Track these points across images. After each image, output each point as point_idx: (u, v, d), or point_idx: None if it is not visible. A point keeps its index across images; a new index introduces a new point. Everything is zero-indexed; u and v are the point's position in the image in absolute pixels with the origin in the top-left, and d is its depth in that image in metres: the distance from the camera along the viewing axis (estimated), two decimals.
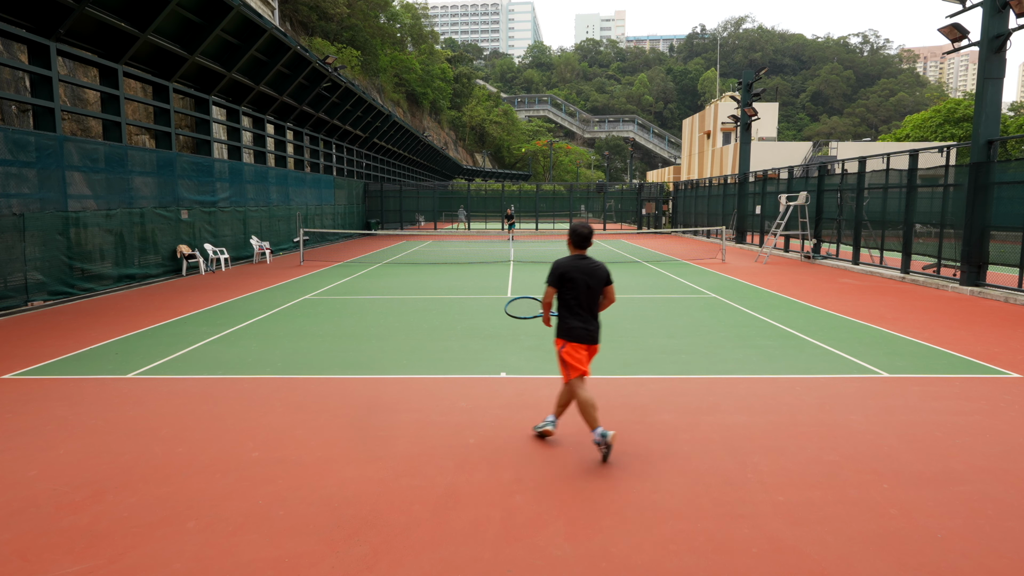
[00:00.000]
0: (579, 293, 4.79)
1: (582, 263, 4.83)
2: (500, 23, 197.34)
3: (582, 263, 4.83)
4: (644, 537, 3.64)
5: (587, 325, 4.82)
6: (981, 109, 13.44)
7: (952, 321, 10.18)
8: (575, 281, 4.78)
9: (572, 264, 4.82)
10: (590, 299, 4.82)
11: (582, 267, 4.82)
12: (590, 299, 4.82)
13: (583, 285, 4.79)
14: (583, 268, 4.81)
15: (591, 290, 4.81)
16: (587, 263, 4.85)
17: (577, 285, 4.79)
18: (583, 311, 4.81)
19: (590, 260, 4.87)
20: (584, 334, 4.82)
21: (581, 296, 4.80)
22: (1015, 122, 47.19)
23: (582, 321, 4.81)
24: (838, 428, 5.34)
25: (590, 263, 4.85)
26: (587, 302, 4.82)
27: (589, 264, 4.84)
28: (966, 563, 3.38)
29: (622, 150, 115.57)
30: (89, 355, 7.87)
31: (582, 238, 4.87)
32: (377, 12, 61.41)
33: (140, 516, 3.87)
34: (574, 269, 4.81)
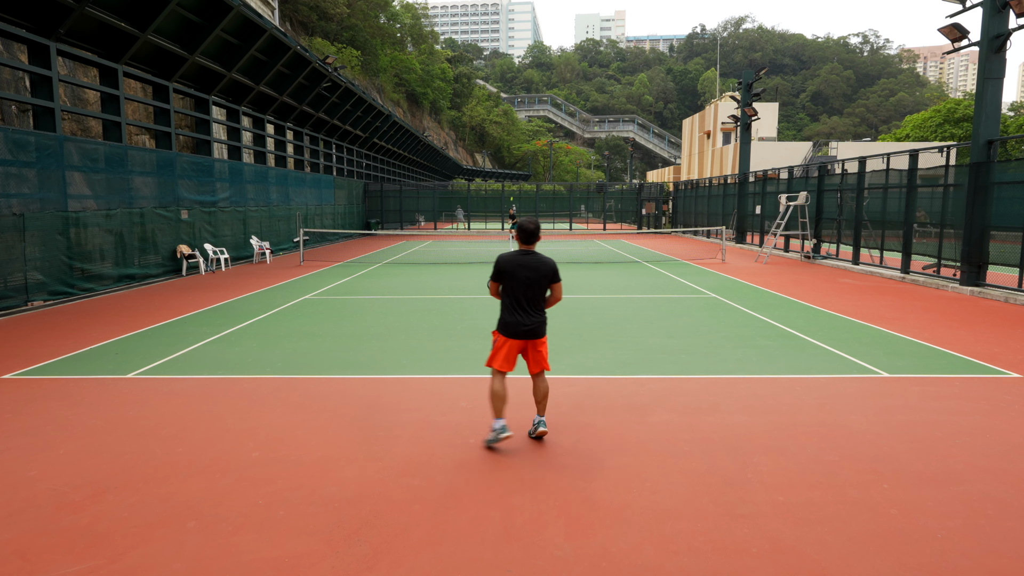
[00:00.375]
0: (519, 288, 4.85)
1: (525, 258, 4.88)
2: (500, 23, 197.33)
3: (525, 258, 4.88)
4: (644, 537, 3.64)
5: (525, 320, 4.85)
6: (981, 109, 13.44)
7: (952, 321, 10.18)
8: (515, 276, 4.84)
9: (515, 259, 4.88)
10: (531, 295, 4.85)
11: (525, 263, 4.87)
12: (531, 295, 4.85)
13: (524, 280, 4.83)
14: (526, 264, 4.86)
15: (533, 285, 4.84)
16: (531, 259, 4.88)
17: (517, 280, 4.84)
18: (523, 306, 4.86)
19: (535, 256, 4.91)
20: (520, 329, 4.86)
21: (520, 291, 4.85)
22: (1015, 122, 47.19)
23: (520, 316, 4.85)
24: (838, 428, 5.34)
25: (534, 259, 4.88)
26: (527, 297, 4.85)
27: (533, 260, 4.88)
28: (966, 563, 3.38)
29: (622, 150, 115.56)
30: (89, 355, 7.87)
31: (528, 233, 4.91)
32: (377, 12, 61.40)
33: (140, 516, 3.87)
34: (516, 264, 4.86)
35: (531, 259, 4.88)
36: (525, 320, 4.85)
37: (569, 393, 6.31)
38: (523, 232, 4.93)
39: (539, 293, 4.89)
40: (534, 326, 4.88)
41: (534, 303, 4.88)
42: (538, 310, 4.91)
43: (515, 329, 4.87)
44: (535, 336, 4.92)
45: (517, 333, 4.88)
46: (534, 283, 4.85)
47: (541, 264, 4.88)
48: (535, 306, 4.88)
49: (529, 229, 4.91)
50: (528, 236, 4.93)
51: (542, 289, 4.90)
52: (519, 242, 4.98)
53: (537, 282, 4.86)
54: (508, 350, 4.92)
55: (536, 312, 4.89)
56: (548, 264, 4.90)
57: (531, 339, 4.92)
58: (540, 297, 4.90)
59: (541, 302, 4.92)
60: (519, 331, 4.87)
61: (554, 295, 5.01)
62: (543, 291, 4.91)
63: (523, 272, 4.84)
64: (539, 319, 4.90)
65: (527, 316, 4.86)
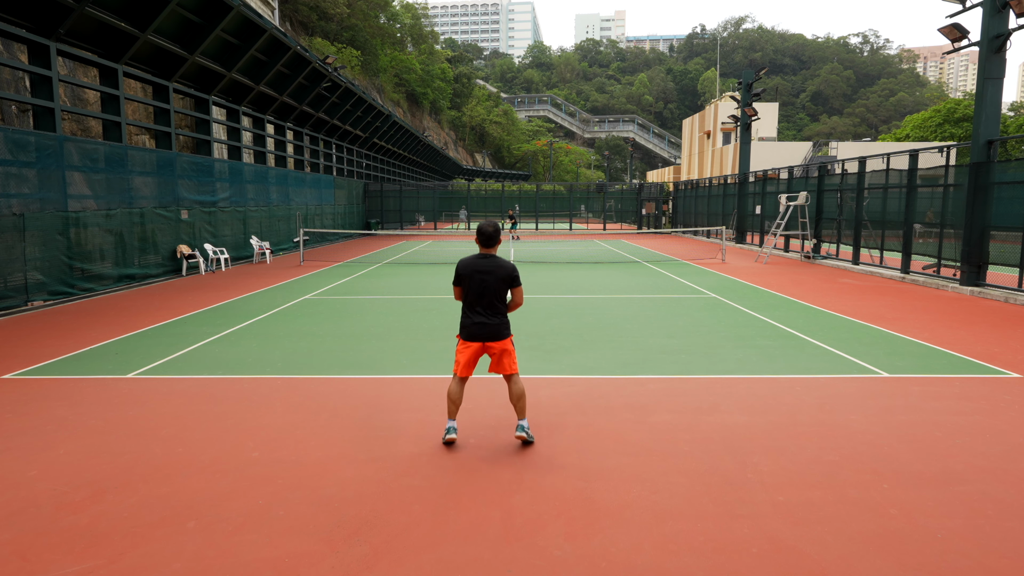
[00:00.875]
0: (476, 291, 4.87)
1: (483, 262, 4.89)
2: (500, 23, 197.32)
3: (483, 262, 4.89)
4: (644, 537, 3.64)
5: (483, 322, 4.85)
6: (981, 109, 13.44)
7: (952, 321, 10.18)
8: (472, 279, 4.87)
9: (472, 263, 4.91)
10: (489, 298, 4.85)
11: (482, 267, 4.87)
12: (489, 298, 4.85)
13: (479, 284, 4.85)
14: (483, 267, 4.87)
15: (490, 289, 4.84)
16: (489, 262, 4.89)
17: (474, 284, 4.87)
18: (479, 309, 4.86)
19: (494, 259, 4.91)
20: (476, 331, 4.87)
21: (476, 295, 4.87)
22: (1015, 122, 47.20)
23: (477, 318, 4.86)
24: (838, 428, 5.34)
25: (492, 262, 4.89)
26: (485, 301, 4.85)
27: (491, 263, 4.88)
28: (966, 563, 3.38)
29: (622, 150, 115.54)
30: (89, 355, 7.87)
31: (487, 237, 4.91)
32: (377, 12, 61.39)
33: (140, 516, 3.87)
34: (473, 268, 4.88)
35: (489, 263, 4.89)
36: (481, 323, 4.85)
37: (569, 393, 6.31)
38: (481, 235, 4.92)
39: (496, 297, 4.87)
40: (492, 328, 4.86)
41: (491, 307, 4.86)
42: (496, 313, 4.88)
43: (472, 332, 4.88)
44: (493, 339, 4.89)
45: (474, 336, 4.89)
46: (491, 286, 4.84)
47: (498, 268, 4.87)
48: (492, 309, 4.86)
49: (487, 232, 4.89)
50: (487, 239, 4.92)
51: (500, 293, 4.88)
52: (479, 245, 4.98)
53: (494, 285, 4.85)
54: (468, 355, 4.93)
55: (493, 315, 4.86)
56: (506, 267, 4.89)
57: (489, 341, 4.89)
58: (498, 301, 4.88)
59: (500, 305, 4.90)
60: (476, 334, 4.88)
61: (514, 299, 4.99)
62: (501, 295, 4.89)
63: (480, 276, 4.86)
64: (497, 321, 4.87)
65: (483, 319, 4.85)
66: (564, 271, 17.27)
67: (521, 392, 4.98)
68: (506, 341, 4.94)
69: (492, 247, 4.95)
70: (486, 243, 4.93)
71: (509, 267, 4.90)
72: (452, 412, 5.00)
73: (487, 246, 4.94)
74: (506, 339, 4.94)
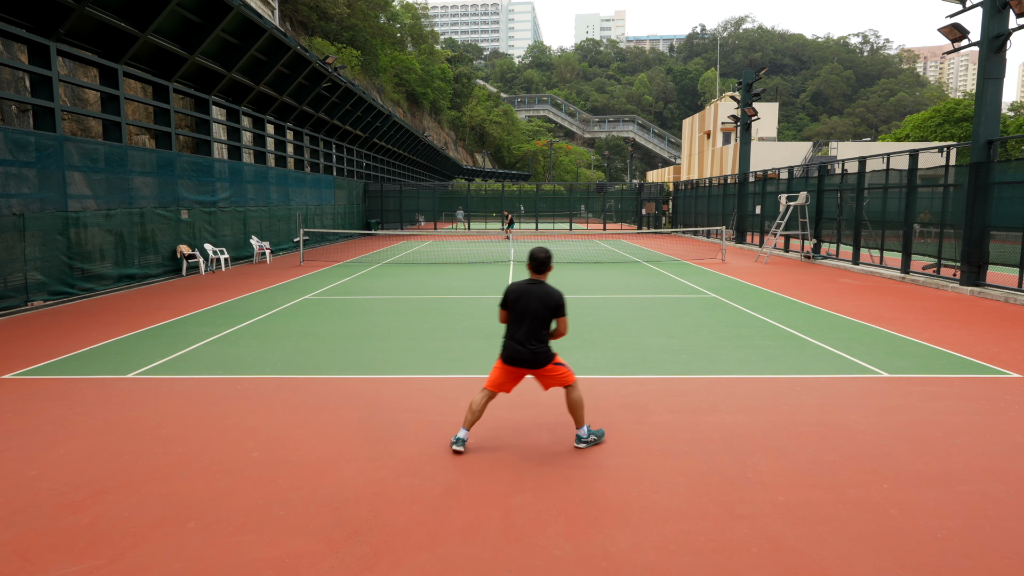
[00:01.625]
0: (518, 317, 4.79)
1: (532, 288, 4.81)
2: (500, 23, 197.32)
3: (532, 288, 4.81)
4: (644, 537, 3.64)
5: (521, 349, 4.76)
6: (981, 109, 13.44)
7: (952, 321, 10.18)
8: (517, 304, 4.79)
9: (521, 288, 4.83)
10: (533, 324, 4.76)
11: (531, 292, 4.79)
12: (533, 324, 4.76)
13: (523, 309, 4.77)
14: (532, 294, 4.79)
15: (535, 316, 4.75)
16: (538, 289, 4.80)
17: (518, 309, 4.79)
18: (520, 336, 4.78)
19: (543, 287, 4.81)
20: (513, 356, 4.80)
21: (518, 319, 4.79)
22: (1015, 122, 47.20)
23: (516, 345, 4.78)
24: (838, 428, 5.34)
25: (541, 289, 4.79)
26: (526, 327, 4.77)
27: (540, 290, 4.79)
28: (966, 563, 3.38)
29: (622, 150, 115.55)
30: (89, 355, 7.87)
31: (538, 263, 4.84)
32: (377, 12, 61.40)
33: (140, 516, 3.87)
34: (521, 294, 4.80)
35: (538, 289, 4.80)
36: (521, 350, 4.77)
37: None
38: (532, 261, 4.85)
39: (540, 325, 4.77)
40: (530, 356, 4.77)
41: (532, 334, 4.76)
42: (535, 340, 4.77)
43: (511, 357, 4.81)
44: (533, 366, 4.81)
45: (512, 361, 4.81)
46: (535, 313, 4.75)
47: (547, 296, 4.78)
48: (533, 336, 4.76)
49: (539, 259, 4.82)
50: (538, 265, 4.85)
51: (544, 321, 4.78)
52: (529, 271, 4.91)
53: (538, 313, 4.75)
54: (502, 374, 4.88)
55: (533, 342, 4.76)
56: (554, 297, 4.78)
57: (529, 369, 4.82)
58: (541, 329, 4.78)
59: (541, 333, 4.78)
60: (515, 359, 4.80)
61: (559, 329, 4.89)
62: (545, 323, 4.79)
63: (526, 302, 4.77)
64: (536, 348, 4.77)
65: (523, 346, 4.76)
66: (564, 271, 17.26)
67: (574, 402, 4.89)
68: (545, 368, 4.84)
69: (542, 273, 4.87)
70: (537, 269, 4.86)
71: (556, 296, 4.80)
72: (468, 422, 4.90)
73: (537, 272, 4.87)
74: (545, 366, 4.83)
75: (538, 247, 4.93)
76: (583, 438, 4.93)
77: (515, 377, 4.90)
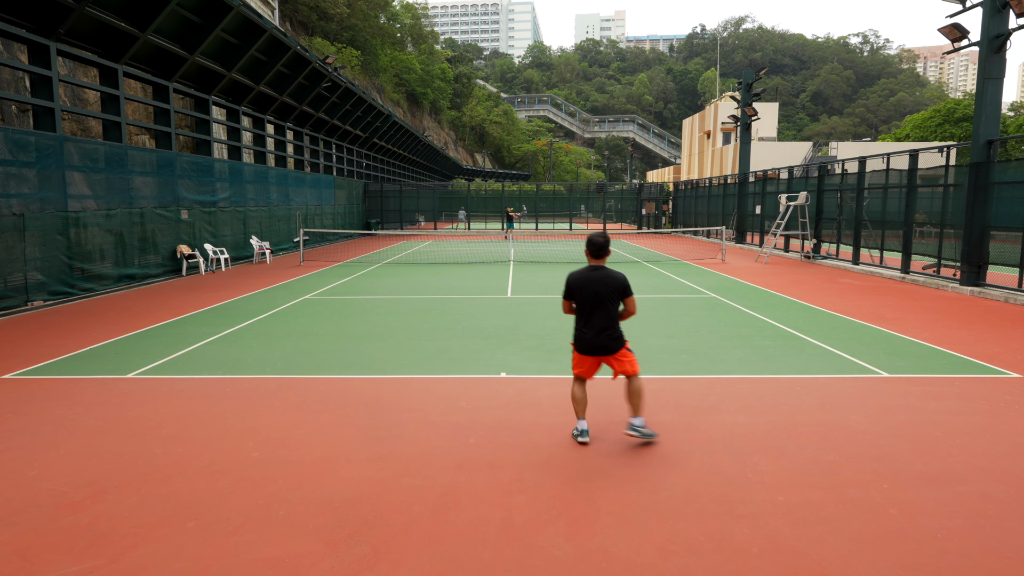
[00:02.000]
0: (588, 304, 4.83)
1: (593, 274, 4.84)
2: (500, 23, 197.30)
3: (593, 274, 4.84)
4: (644, 537, 3.64)
5: (595, 335, 4.82)
6: (981, 109, 13.44)
7: (952, 321, 10.18)
8: (584, 292, 4.83)
9: (584, 276, 4.86)
10: (600, 310, 4.80)
11: (593, 278, 4.83)
12: (600, 310, 4.80)
13: (592, 296, 4.80)
14: (594, 279, 4.82)
15: (601, 300, 4.78)
16: (599, 274, 4.83)
17: (586, 296, 4.82)
18: (591, 322, 4.82)
19: (604, 271, 4.84)
20: (590, 345, 4.85)
21: (589, 307, 4.83)
22: (1015, 122, 47.20)
23: (588, 331, 4.84)
24: (838, 428, 5.34)
25: (602, 274, 4.83)
26: (597, 313, 4.80)
27: (602, 274, 4.82)
28: (966, 563, 3.38)
29: (622, 150, 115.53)
30: (89, 355, 7.87)
31: (597, 248, 4.88)
32: (377, 12, 61.40)
33: (140, 516, 3.87)
34: (585, 280, 4.84)
35: (600, 274, 4.84)
36: (594, 336, 4.83)
37: (569, 393, 6.30)
38: (592, 246, 4.90)
39: (608, 308, 4.82)
40: (604, 342, 4.83)
41: (604, 319, 4.81)
42: (608, 325, 4.82)
43: (585, 344, 4.88)
44: (606, 352, 4.87)
45: (587, 348, 4.88)
46: (603, 298, 4.79)
47: (610, 279, 4.82)
48: (605, 321, 4.81)
49: (599, 243, 4.87)
50: (597, 250, 4.89)
51: (612, 304, 4.83)
52: (588, 257, 4.95)
53: (606, 296, 4.80)
54: (581, 361, 4.97)
55: (605, 328, 4.82)
56: (617, 279, 4.83)
57: (603, 355, 4.89)
58: (610, 313, 4.83)
59: (612, 317, 4.84)
60: (590, 347, 4.87)
61: (627, 308, 4.93)
62: (613, 306, 4.84)
63: (591, 287, 4.81)
64: (609, 335, 4.83)
65: (596, 332, 4.82)
66: (565, 271, 17.26)
67: (635, 390, 4.93)
68: (620, 352, 4.89)
69: (602, 258, 4.91)
70: (596, 254, 4.90)
71: (620, 278, 4.85)
72: (580, 412, 5.01)
73: (597, 257, 4.91)
74: (619, 351, 4.88)
75: (597, 232, 4.98)
76: (637, 427, 4.92)
77: (594, 364, 4.98)
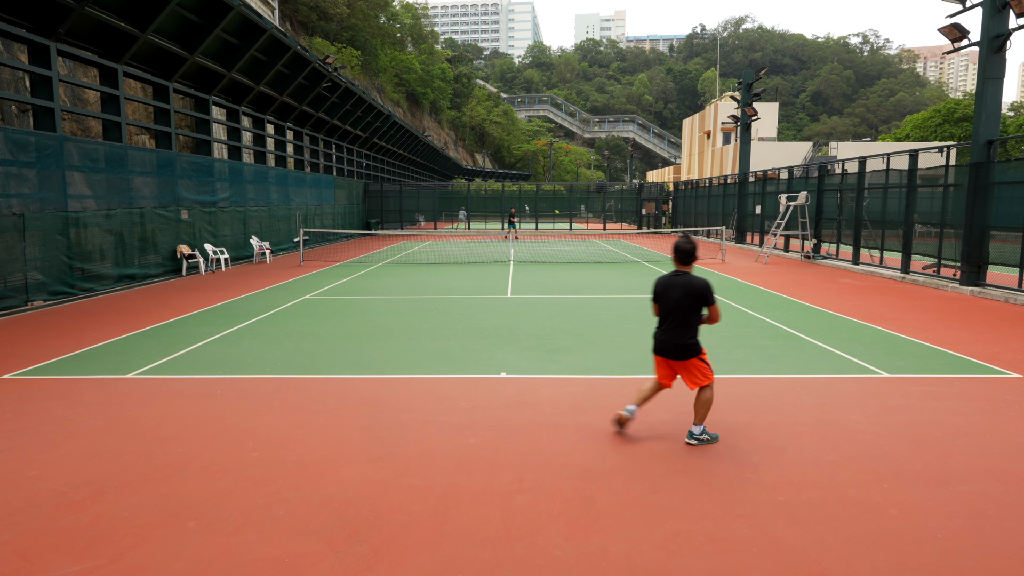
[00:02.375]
0: (665, 308, 4.95)
1: (677, 279, 4.91)
2: (500, 23, 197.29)
3: (677, 279, 4.91)
4: (644, 537, 3.64)
5: (671, 339, 4.89)
6: (981, 109, 13.44)
7: (952, 321, 10.18)
8: (664, 296, 4.94)
9: (666, 281, 4.96)
10: (679, 315, 4.86)
11: (675, 283, 4.90)
12: (679, 315, 4.86)
13: (671, 301, 4.88)
14: (675, 284, 4.89)
15: (679, 307, 4.85)
16: (682, 280, 4.89)
17: (665, 301, 4.94)
18: (667, 326, 4.93)
19: (686, 277, 4.89)
20: (660, 347, 4.99)
21: (665, 311, 4.95)
22: (1015, 122, 47.20)
23: (665, 335, 4.95)
24: (838, 428, 5.34)
25: (685, 280, 4.88)
26: (676, 317, 4.87)
27: (683, 281, 4.88)
28: (966, 563, 3.38)
29: (622, 150, 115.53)
30: (89, 355, 7.87)
31: (684, 254, 4.95)
32: (377, 12, 61.39)
33: (140, 516, 3.87)
34: (667, 286, 4.93)
35: (682, 280, 4.89)
36: (666, 340, 4.93)
37: (569, 393, 6.31)
38: (678, 252, 4.94)
39: (686, 315, 4.85)
40: (674, 348, 4.90)
41: (680, 324, 4.86)
42: (683, 332, 4.86)
43: (657, 346, 5.02)
44: (676, 357, 4.92)
45: (658, 350, 5.02)
46: (681, 304, 4.84)
47: (689, 286, 4.84)
48: (680, 327, 4.86)
49: (685, 249, 4.91)
50: (683, 256, 4.93)
51: (688, 310, 4.85)
52: (675, 262, 5.00)
53: (684, 302, 4.84)
54: (657, 365, 5.11)
55: (679, 334, 4.86)
56: (696, 286, 4.84)
57: (672, 359, 4.95)
58: (687, 319, 4.86)
59: (688, 324, 4.86)
60: (660, 349, 5.00)
61: (711, 315, 4.95)
62: (692, 313, 4.87)
63: (672, 293, 4.88)
64: (681, 342, 4.87)
65: (669, 336, 4.91)
66: (564, 271, 17.27)
67: (704, 400, 4.96)
68: (689, 362, 4.92)
69: (688, 264, 4.94)
70: (683, 260, 4.94)
71: (698, 285, 4.85)
72: (637, 399, 5.16)
73: (683, 263, 4.95)
74: (690, 360, 4.91)
75: (683, 238, 5.01)
76: (695, 435, 5.00)
77: (666, 368, 5.05)
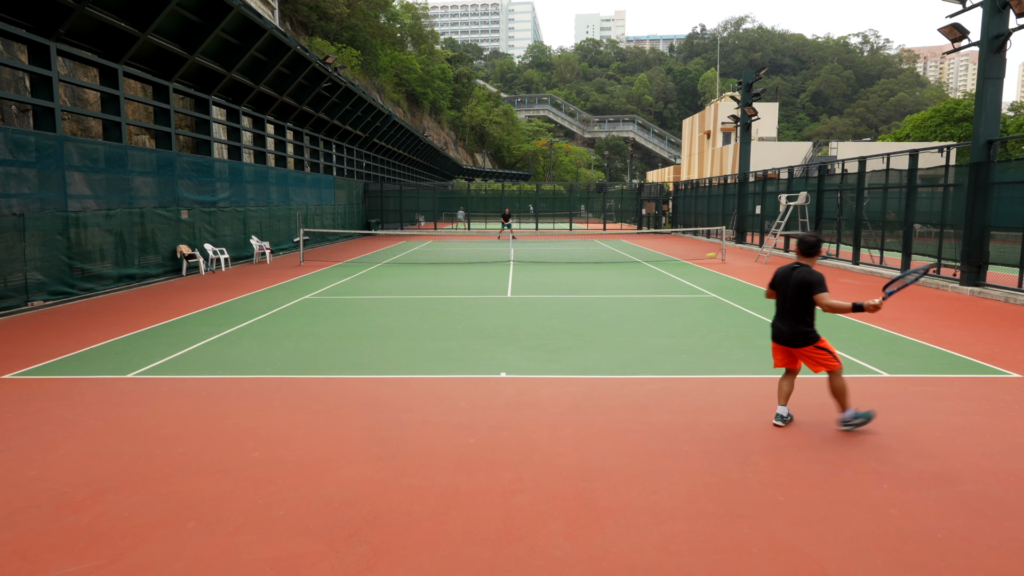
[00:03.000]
0: (780, 297, 5.31)
1: (793, 271, 5.21)
2: (500, 23, 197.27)
3: (793, 271, 5.21)
4: (644, 537, 3.64)
5: (784, 327, 5.24)
6: (981, 109, 13.43)
7: (952, 321, 10.18)
8: (780, 286, 5.32)
9: (785, 271, 5.28)
10: (791, 304, 5.18)
11: (791, 274, 5.22)
12: (791, 304, 5.18)
13: (784, 290, 5.25)
14: (791, 275, 5.21)
15: (791, 296, 5.17)
16: (798, 271, 5.18)
17: (780, 289, 5.31)
18: (782, 314, 5.28)
19: (803, 269, 5.18)
20: (776, 334, 5.33)
21: (780, 299, 5.31)
22: (1015, 122, 47.19)
23: (780, 322, 5.28)
24: (838, 428, 5.34)
25: (800, 271, 5.17)
26: (789, 306, 5.21)
27: (798, 272, 5.17)
28: (966, 563, 3.38)
29: (622, 150, 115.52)
30: (89, 355, 7.87)
31: (807, 247, 5.26)
32: (377, 12, 61.40)
33: (140, 516, 3.87)
34: (783, 276, 5.29)
35: (797, 272, 5.18)
36: (781, 327, 5.26)
37: (569, 393, 6.31)
38: (802, 245, 5.28)
39: (798, 302, 5.14)
40: (789, 335, 5.21)
41: (793, 313, 5.17)
42: (796, 320, 5.16)
43: (773, 334, 5.36)
44: (792, 344, 5.22)
45: (775, 337, 5.35)
46: (790, 293, 5.17)
47: (803, 276, 5.11)
48: (794, 316, 5.16)
49: (809, 242, 5.24)
50: (807, 249, 5.25)
51: (800, 301, 5.13)
52: (797, 254, 5.35)
53: (795, 293, 5.14)
54: (775, 352, 5.42)
55: (793, 322, 5.17)
56: (807, 278, 5.09)
57: (789, 346, 5.25)
58: (799, 308, 5.15)
59: (801, 313, 5.15)
60: (776, 336, 5.33)
61: (818, 304, 5.12)
62: (802, 302, 5.13)
63: (788, 282, 5.22)
64: (795, 330, 5.17)
65: (783, 324, 5.24)
66: (564, 271, 17.27)
67: (836, 388, 5.18)
68: (806, 348, 5.18)
69: (810, 257, 5.26)
70: (805, 252, 5.28)
71: (811, 278, 5.10)
72: (780, 398, 5.41)
73: (805, 255, 5.28)
74: (806, 346, 5.18)
75: (809, 232, 5.40)
76: (847, 420, 5.19)
77: (786, 354, 5.35)
